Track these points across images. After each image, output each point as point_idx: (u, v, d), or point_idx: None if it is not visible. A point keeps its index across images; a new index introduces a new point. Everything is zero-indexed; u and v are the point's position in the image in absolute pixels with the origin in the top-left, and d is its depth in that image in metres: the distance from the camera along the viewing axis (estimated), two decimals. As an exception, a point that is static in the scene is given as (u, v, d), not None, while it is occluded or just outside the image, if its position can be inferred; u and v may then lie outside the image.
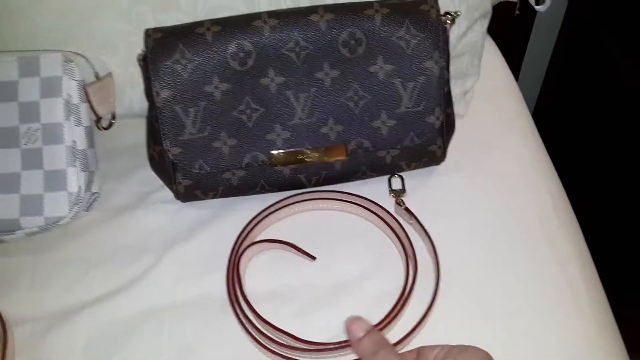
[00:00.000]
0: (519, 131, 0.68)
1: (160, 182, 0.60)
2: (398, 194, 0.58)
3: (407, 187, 0.59)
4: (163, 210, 0.60)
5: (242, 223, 0.56)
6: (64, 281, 0.55)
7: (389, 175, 0.60)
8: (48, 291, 0.54)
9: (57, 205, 0.57)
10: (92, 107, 0.59)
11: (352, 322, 0.39)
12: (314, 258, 0.54)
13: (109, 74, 0.61)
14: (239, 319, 0.50)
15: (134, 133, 0.66)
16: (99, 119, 0.62)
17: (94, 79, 0.60)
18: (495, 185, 0.61)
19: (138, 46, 0.57)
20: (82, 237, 0.58)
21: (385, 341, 0.39)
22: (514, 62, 0.84)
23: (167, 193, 0.60)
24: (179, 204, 0.60)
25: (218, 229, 0.57)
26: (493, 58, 0.76)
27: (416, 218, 0.55)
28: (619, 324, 0.54)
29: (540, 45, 1.04)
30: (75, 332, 0.51)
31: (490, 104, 0.70)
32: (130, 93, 0.63)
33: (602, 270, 0.58)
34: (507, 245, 0.55)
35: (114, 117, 0.63)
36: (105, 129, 0.63)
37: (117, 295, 0.53)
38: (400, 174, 0.60)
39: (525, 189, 0.60)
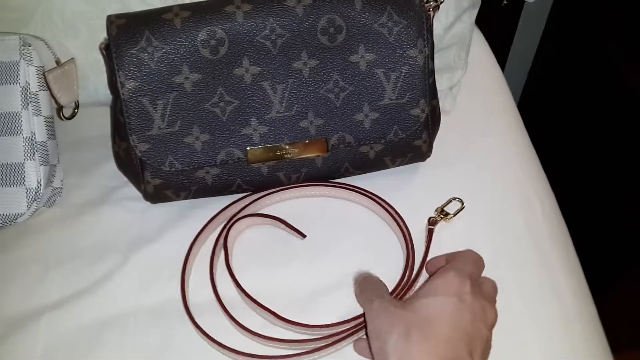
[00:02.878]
0: (506, 129, 0.65)
1: (127, 176, 0.57)
2: (444, 216, 0.54)
3: (388, 186, 0.56)
4: (130, 207, 0.56)
5: (215, 223, 0.53)
6: (21, 283, 0.51)
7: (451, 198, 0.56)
8: (3, 294, 0.51)
9: (14, 201, 0.53)
10: (52, 95, 0.55)
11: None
12: (304, 236, 0.52)
13: (71, 60, 0.57)
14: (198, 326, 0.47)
15: (99, 123, 0.61)
16: (60, 108, 0.57)
17: (55, 64, 0.55)
18: (481, 184, 0.58)
19: (101, 29, 0.53)
20: (42, 235, 0.55)
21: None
22: (500, 53, 0.82)
23: (135, 189, 0.56)
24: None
25: (188, 229, 0.54)
26: (480, 50, 0.73)
27: (429, 242, 0.52)
28: (604, 323, 0.53)
29: (527, 36, 1.02)
30: (32, 340, 0.47)
31: (477, 99, 0.67)
32: (94, 80, 0.59)
33: (587, 267, 0.57)
34: (493, 247, 0.52)
35: (77, 106, 0.59)
36: (67, 118, 0.58)
37: (78, 300, 0.50)
38: (462, 199, 0.56)
39: (512, 191, 0.58)
